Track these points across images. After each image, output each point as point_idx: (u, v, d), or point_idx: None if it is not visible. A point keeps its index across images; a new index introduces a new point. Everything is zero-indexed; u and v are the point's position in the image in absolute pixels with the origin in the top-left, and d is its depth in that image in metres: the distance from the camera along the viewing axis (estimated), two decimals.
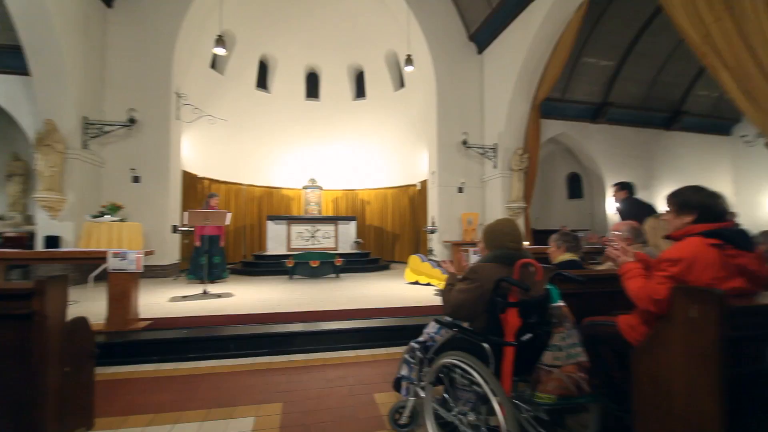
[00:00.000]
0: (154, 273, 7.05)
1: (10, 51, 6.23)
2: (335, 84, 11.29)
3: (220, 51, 6.62)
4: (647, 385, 1.54)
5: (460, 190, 8.58)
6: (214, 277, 6.33)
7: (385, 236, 11.24)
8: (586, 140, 9.49)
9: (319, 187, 10.73)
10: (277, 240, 8.85)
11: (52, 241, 6.13)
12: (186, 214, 5.18)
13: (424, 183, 9.72)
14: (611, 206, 9.43)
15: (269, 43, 10.31)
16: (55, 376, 1.62)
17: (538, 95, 7.83)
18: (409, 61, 6.60)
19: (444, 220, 8.47)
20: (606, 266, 2.52)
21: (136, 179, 7.19)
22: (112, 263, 3.29)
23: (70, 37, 6.11)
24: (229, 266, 8.02)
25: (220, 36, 6.45)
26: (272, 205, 11.03)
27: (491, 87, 8.59)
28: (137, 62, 7.27)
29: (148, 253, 3.51)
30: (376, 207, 11.46)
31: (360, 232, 10.31)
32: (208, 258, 6.04)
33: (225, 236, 6.91)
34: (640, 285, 1.57)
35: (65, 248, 6.08)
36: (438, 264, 6.57)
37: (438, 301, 4.72)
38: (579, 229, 8.69)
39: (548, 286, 1.74)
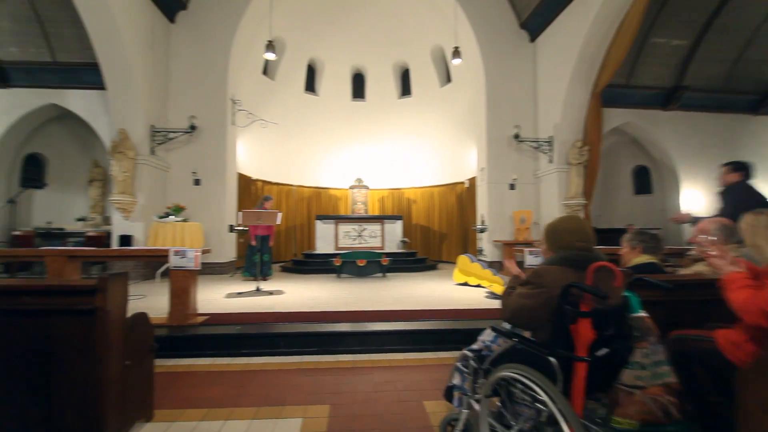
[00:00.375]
0: (213, 270, 7.47)
1: (89, 68, 6.90)
2: (381, 83, 11.29)
3: (270, 56, 6.85)
4: (759, 415, 1.26)
5: (512, 186, 8.15)
6: (263, 274, 6.56)
7: (432, 235, 11.02)
8: (656, 129, 8.59)
9: (366, 187, 10.78)
10: (325, 239, 9.01)
11: (125, 239, 6.71)
12: (240, 214, 5.40)
13: (472, 180, 9.38)
14: (688, 202, 8.46)
15: (316, 46, 10.54)
16: (116, 369, 1.69)
17: (599, 82, 7.21)
18: (456, 53, 6.36)
19: (494, 218, 8.09)
20: (694, 269, 2.18)
21: (197, 182, 7.67)
22: (173, 261, 3.48)
23: (138, 53, 6.65)
24: (280, 264, 8.31)
25: (270, 42, 6.66)
26: (320, 205, 11.27)
27: (545, 76, 8.05)
28: (196, 72, 7.75)
29: (205, 252, 3.67)
30: (423, 206, 11.28)
31: (406, 231, 10.20)
32: (260, 256, 6.27)
33: (275, 236, 7.14)
34: (748, 296, 1.30)
35: (136, 246, 6.64)
36: (489, 264, 6.28)
37: (490, 304, 4.49)
38: (649, 228, 7.88)
39: (626, 294, 1.51)
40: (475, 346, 1.85)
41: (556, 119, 7.64)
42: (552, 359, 1.31)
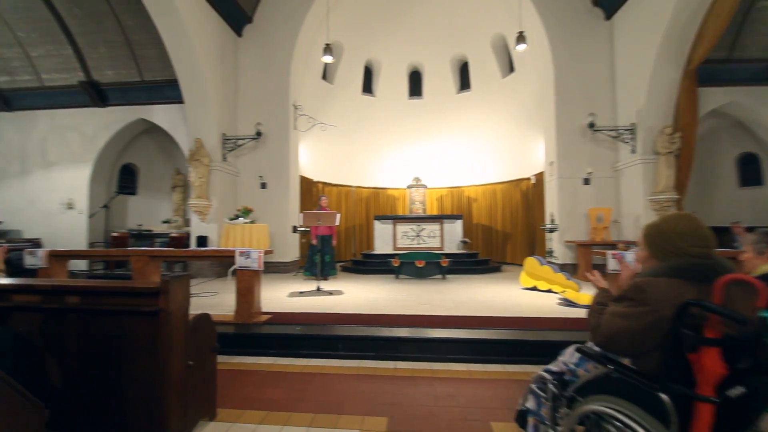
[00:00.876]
0: (278, 269, 7.81)
1: (171, 84, 7.57)
2: (438, 79, 11.00)
3: (327, 59, 6.97)
4: None
5: (586, 181, 7.40)
6: (325, 274, 6.68)
7: (495, 235, 10.46)
8: (767, 110, 7.24)
9: (424, 186, 10.56)
10: (383, 239, 8.98)
11: (202, 240, 7.28)
12: (301, 215, 5.54)
13: (539, 176, 8.70)
14: None
15: (373, 47, 10.57)
16: (178, 369, 1.72)
17: (692, 58, 6.24)
18: (520, 38, 5.90)
19: (566, 216, 7.41)
20: None
21: (263, 185, 8.09)
22: (238, 261, 3.62)
23: (210, 68, 7.16)
24: (340, 264, 8.45)
25: (327, 45, 6.78)
26: (379, 205, 11.29)
27: (625, 56, 7.18)
28: (261, 81, 8.17)
29: (267, 252, 3.78)
30: (484, 204, 10.76)
31: (467, 231, 9.80)
32: (321, 256, 6.40)
33: (336, 236, 7.24)
34: None
35: (210, 246, 7.16)
36: (560, 267, 5.73)
37: (564, 312, 4.05)
38: (759, 226, 6.65)
39: (763, 314, 1.16)
40: (554, 368, 1.59)
41: (639, 104, 6.76)
42: (663, 396, 1.04)
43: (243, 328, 3.46)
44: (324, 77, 10.16)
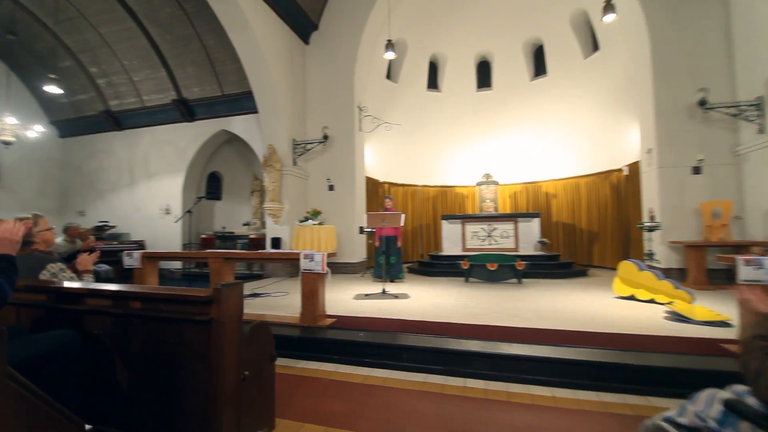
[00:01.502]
0: (345, 270, 7.89)
1: (247, 96, 8.08)
2: (509, 67, 10.24)
3: (390, 55, 6.82)
4: None
5: (696, 170, 6.22)
6: (391, 276, 6.53)
7: (579, 235, 9.40)
8: None
9: (495, 183, 9.91)
10: (451, 240, 8.59)
11: (275, 241, 7.64)
12: (365, 216, 5.46)
13: (634, 165, 7.58)
14: None
15: (437, 41, 10.21)
16: (232, 380, 1.65)
17: None
18: (608, 8, 5.09)
19: (670, 212, 6.31)
20: None
21: (330, 188, 8.25)
22: (303, 264, 3.61)
23: (280, 77, 7.47)
24: (407, 265, 8.26)
25: (389, 41, 6.63)
26: (446, 204, 10.89)
27: (745, 13, 5.88)
28: (327, 86, 8.33)
29: (330, 255, 3.72)
30: (565, 200, 9.73)
31: (545, 230, 8.96)
32: (385, 258, 6.27)
33: (402, 237, 7.06)
34: None
35: (283, 248, 7.47)
36: (665, 274, 4.84)
37: (676, 329, 3.33)
38: None
39: None
40: (681, 419, 1.18)
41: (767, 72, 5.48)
42: None
43: (307, 332, 3.43)
44: (388, 77, 10.08)
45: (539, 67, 9.96)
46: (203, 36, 7.81)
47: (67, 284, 1.95)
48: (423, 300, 4.92)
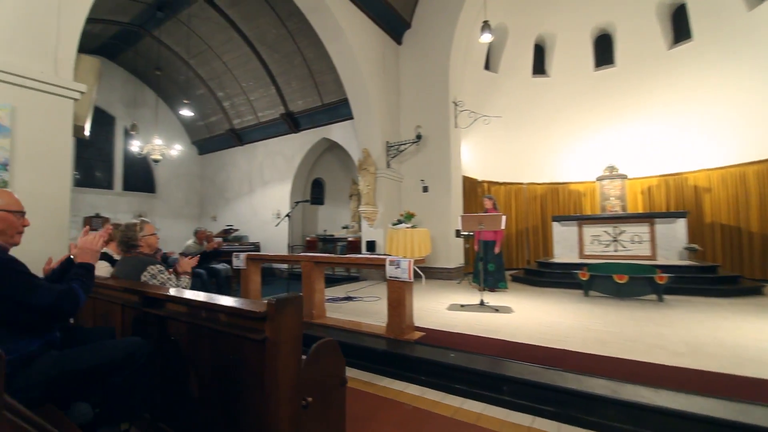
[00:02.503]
0: (441, 275, 7.46)
1: (344, 103, 8.30)
2: (638, 36, 8.54)
3: (486, 38, 6.21)
4: None
5: None
6: (489, 284, 5.87)
7: (748, 240, 7.24)
8: None
9: (622, 176, 8.33)
10: (565, 244, 7.44)
11: (370, 244, 7.64)
12: (460, 218, 4.98)
13: None
14: None
15: (544, 20, 9.09)
16: (288, 409, 1.44)
17: None
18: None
19: None
20: None
21: (425, 189, 7.94)
22: (388, 270, 3.35)
23: (373, 81, 7.47)
24: (510, 272, 7.42)
25: (485, 22, 6.04)
26: (558, 204, 9.59)
27: None
28: (421, 84, 8.06)
29: (418, 262, 3.39)
30: (723, 195, 7.62)
31: (694, 234, 7.15)
32: (483, 265, 5.67)
33: (503, 242, 6.33)
34: None
35: (378, 251, 7.41)
36: None
37: None
38: None
39: None
40: None
41: None
42: None
43: (393, 345, 3.15)
44: (487, 67, 9.34)
45: (679, 32, 8.06)
46: (304, 51, 8.30)
47: (149, 288, 2.02)
48: (529, 316, 4.22)
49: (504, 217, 4.83)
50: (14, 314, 1.36)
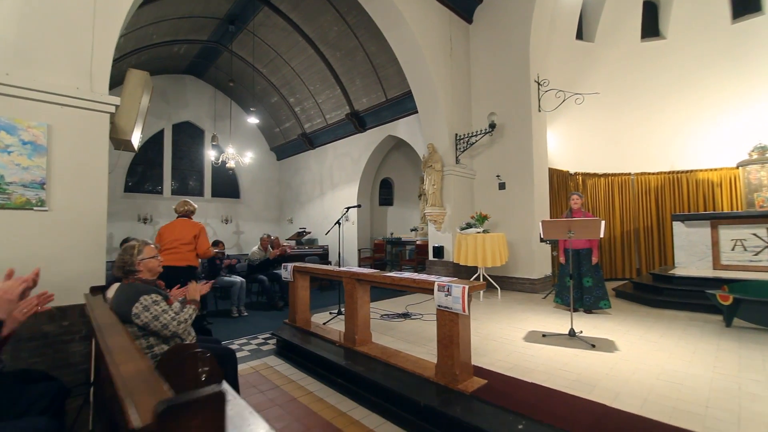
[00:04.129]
0: (523, 287, 6.37)
1: (408, 96, 7.67)
2: None
3: None
4: None
5: None
6: (586, 305, 4.69)
7: None
8: None
9: None
10: (691, 251, 5.76)
11: (438, 251, 6.88)
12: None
13: None
14: None
15: None
16: None
17: None
18: None
19: None
20: None
21: (501, 186, 6.89)
22: (437, 298, 2.65)
23: (439, 66, 6.68)
24: (612, 285, 5.97)
25: None
26: (679, 198, 7.62)
27: None
28: (496, 64, 7.01)
29: (475, 289, 2.59)
30: None
31: None
32: (577, 279, 4.55)
33: (600, 248, 5.05)
34: None
35: (447, 258, 6.63)
36: None
37: None
38: None
39: None
40: None
41: None
42: None
43: (441, 398, 2.43)
44: (579, 36, 7.81)
45: None
46: (365, 44, 7.87)
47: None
48: (643, 358, 3.08)
49: (603, 223, 3.70)
50: None
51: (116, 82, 4.64)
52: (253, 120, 8.42)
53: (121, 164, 9.79)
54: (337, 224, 5.11)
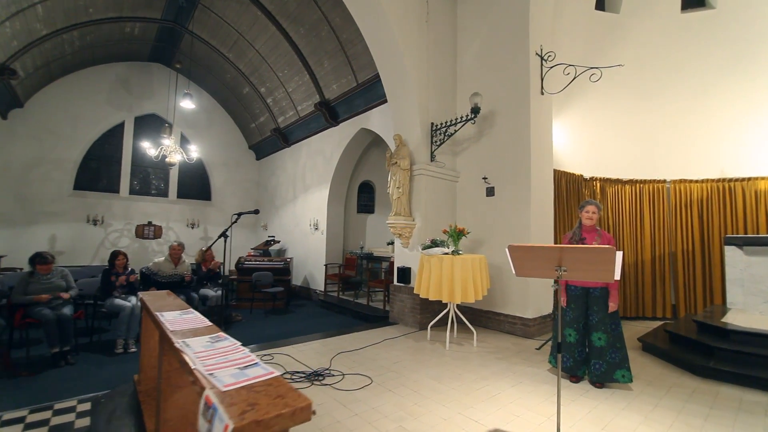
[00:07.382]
0: (512, 328, 4.71)
1: (379, 80, 6.19)
2: None
3: None
4: None
5: None
6: (592, 374, 3.00)
7: None
8: None
9: None
10: (753, 289, 4.01)
11: (403, 273, 5.31)
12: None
13: None
14: None
15: None
16: None
17: None
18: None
19: None
20: None
21: (489, 191, 5.28)
22: (200, 425, 1.12)
23: (409, 37, 5.19)
24: (638, 325, 4.19)
25: None
26: (732, 214, 5.75)
27: None
28: (486, 32, 5.46)
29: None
30: None
31: None
32: (582, 332, 2.90)
33: (619, 288, 3.36)
34: None
35: (412, 283, 5.05)
36: None
37: None
38: None
39: None
40: None
41: None
42: None
43: None
44: (600, 6, 6.15)
45: None
46: (329, 15, 6.47)
47: None
48: None
49: (620, 254, 2.08)
50: None
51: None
52: (187, 104, 7.16)
53: (72, 158, 8.74)
54: (223, 236, 3.60)
